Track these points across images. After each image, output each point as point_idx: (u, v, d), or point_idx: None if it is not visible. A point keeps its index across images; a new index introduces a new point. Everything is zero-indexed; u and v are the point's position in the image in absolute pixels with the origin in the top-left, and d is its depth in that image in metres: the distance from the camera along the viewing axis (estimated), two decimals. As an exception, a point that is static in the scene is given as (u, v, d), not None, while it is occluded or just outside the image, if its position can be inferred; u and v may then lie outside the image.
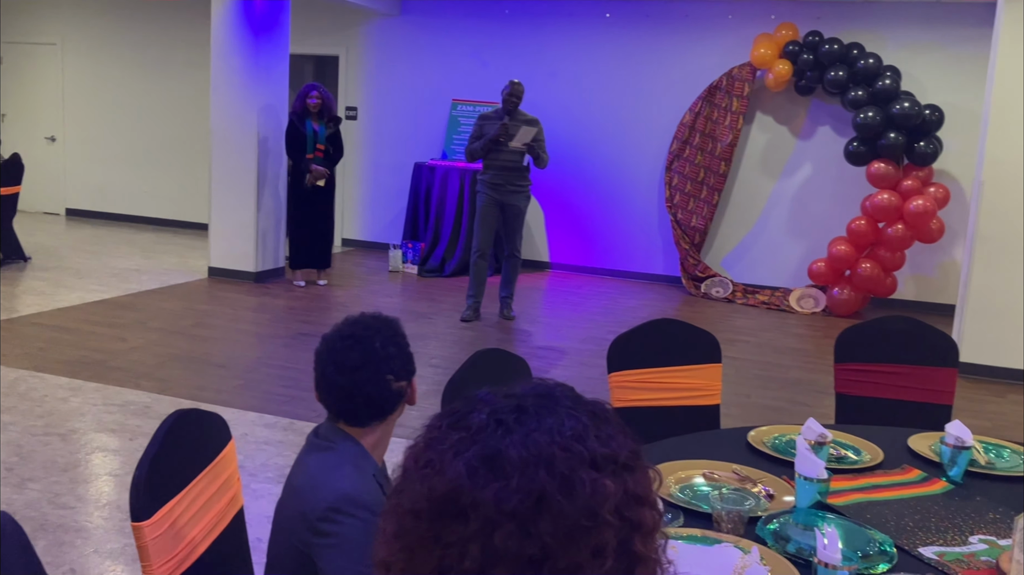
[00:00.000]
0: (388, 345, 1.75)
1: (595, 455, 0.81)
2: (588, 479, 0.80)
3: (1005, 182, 5.89)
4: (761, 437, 2.39)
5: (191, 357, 5.59)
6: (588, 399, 0.89)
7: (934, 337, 3.09)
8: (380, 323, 1.78)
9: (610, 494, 0.80)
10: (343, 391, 1.71)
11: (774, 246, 8.66)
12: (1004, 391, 5.81)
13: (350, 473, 1.65)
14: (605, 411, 0.88)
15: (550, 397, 0.86)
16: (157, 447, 1.64)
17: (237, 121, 7.78)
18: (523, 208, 6.83)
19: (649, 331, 2.91)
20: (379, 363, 1.72)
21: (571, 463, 0.80)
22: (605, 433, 0.84)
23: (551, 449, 0.80)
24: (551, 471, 0.79)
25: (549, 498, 0.78)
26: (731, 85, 8.33)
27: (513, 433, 0.82)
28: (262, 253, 7.97)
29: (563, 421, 0.83)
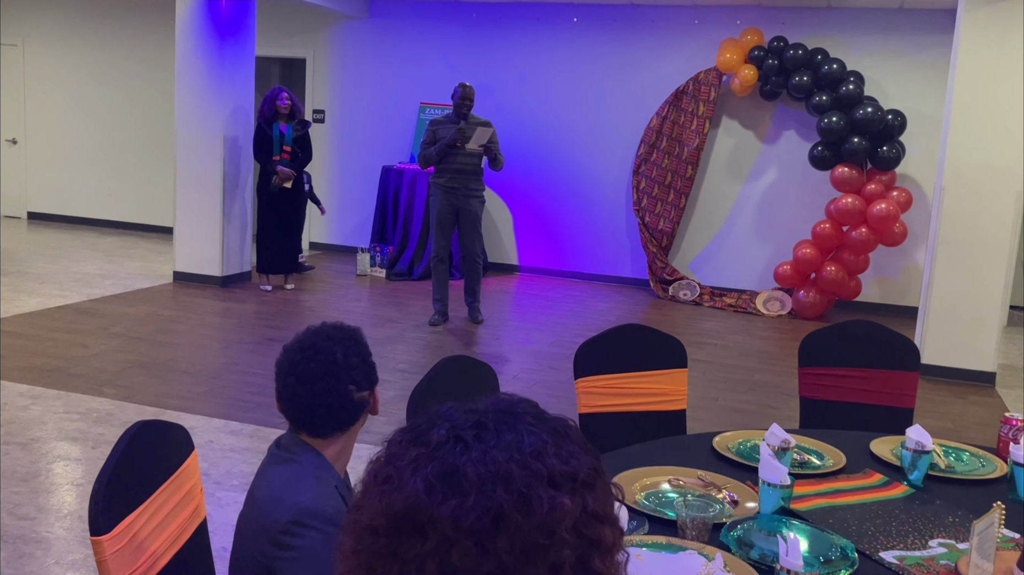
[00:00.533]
0: (350, 355, 1.74)
1: (553, 472, 0.81)
2: (546, 497, 0.80)
3: (965, 187, 5.98)
4: (726, 443, 2.41)
5: (155, 363, 5.52)
6: (551, 415, 0.89)
7: (896, 341, 3.13)
8: (341, 333, 1.77)
9: (568, 512, 0.80)
10: (304, 402, 1.69)
11: (741, 249, 8.73)
12: (965, 392, 5.91)
13: (311, 485, 1.64)
14: (567, 428, 0.88)
15: (511, 413, 0.86)
16: (117, 459, 1.61)
17: (202, 123, 7.71)
18: (479, 212, 6.82)
19: (615, 336, 2.91)
20: (341, 374, 1.71)
21: (529, 480, 0.80)
22: (565, 450, 0.84)
23: (509, 466, 0.80)
24: (509, 488, 0.79)
25: (507, 515, 0.78)
26: (697, 90, 8.40)
27: (472, 450, 0.81)
28: (228, 257, 7.90)
29: (523, 438, 0.83)
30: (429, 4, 9.38)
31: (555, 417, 0.89)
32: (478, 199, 6.81)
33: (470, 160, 6.67)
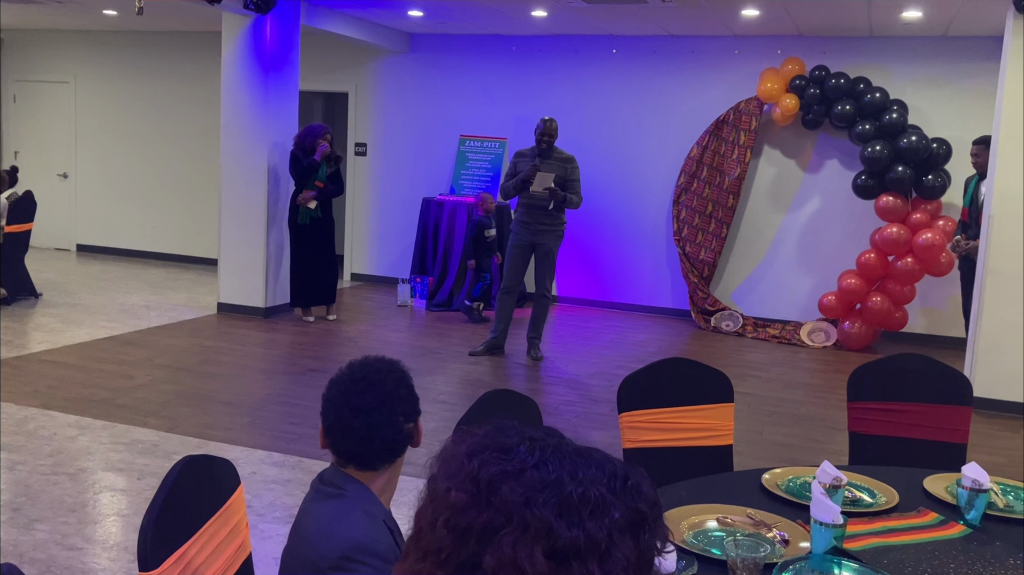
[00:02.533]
0: (399, 387, 1.75)
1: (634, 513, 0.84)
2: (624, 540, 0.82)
3: (1014, 216, 5.87)
4: (775, 480, 2.36)
5: (199, 394, 5.58)
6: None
7: (947, 374, 3.06)
8: (389, 365, 1.79)
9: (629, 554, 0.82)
10: (359, 434, 1.70)
11: (784, 279, 8.63)
12: (1018, 426, 5.75)
13: (360, 520, 1.63)
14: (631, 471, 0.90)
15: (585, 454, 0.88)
16: (165, 495, 1.62)
17: (246, 157, 7.83)
18: (553, 247, 6.73)
19: (659, 370, 2.89)
20: (393, 405, 1.72)
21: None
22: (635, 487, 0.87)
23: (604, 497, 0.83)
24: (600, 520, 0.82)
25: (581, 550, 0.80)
26: (738, 119, 8.37)
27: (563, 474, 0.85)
28: (271, 288, 7.98)
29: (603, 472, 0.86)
30: (469, 38, 9.48)
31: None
32: (553, 234, 6.72)
33: (544, 196, 6.60)
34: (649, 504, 0.84)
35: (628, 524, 0.81)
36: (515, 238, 6.73)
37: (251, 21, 7.69)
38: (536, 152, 6.67)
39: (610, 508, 0.81)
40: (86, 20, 10.04)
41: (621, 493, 0.83)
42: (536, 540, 0.79)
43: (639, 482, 0.85)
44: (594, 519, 0.80)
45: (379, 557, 1.57)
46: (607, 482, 0.83)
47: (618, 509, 0.81)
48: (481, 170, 9.35)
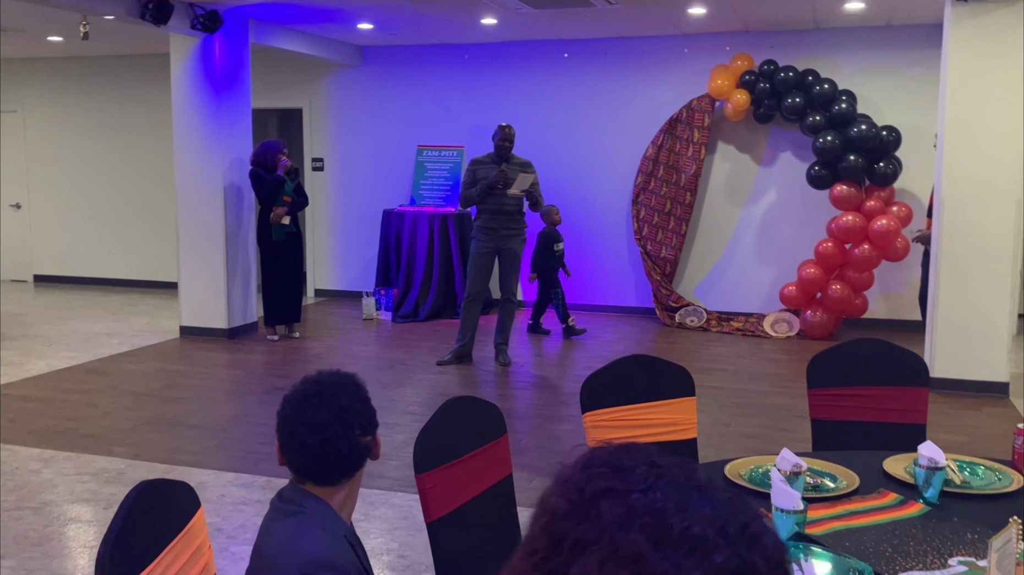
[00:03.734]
0: (355, 400, 1.74)
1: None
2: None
3: (964, 198, 5.98)
4: (737, 470, 2.39)
5: (164, 419, 5.52)
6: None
7: (904, 357, 3.11)
8: (343, 379, 1.77)
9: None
10: (315, 450, 1.69)
11: (745, 272, 8.72)
12: (979, 404, 5.85)
13: (320, 536, 1.63)
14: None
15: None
16: (121, 522, 1.60)
17: (202, 178, 7.77)
18: (518, 251, 6.76)
19: (620, 369, 2.90)
20: (348, 419, 1.71)
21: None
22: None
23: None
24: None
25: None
26: (691, 117, 8.45)
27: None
28: (234, 309, 7.91)
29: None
30: (421, 48, 9.49)
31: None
32: (518, 238, 6.76)
33: (511, 200, 6.61)
34: (767, 560, 0.76)
35: (731, 572, 0.74)
36: (479, 245, 6.72)
37: (199, 41, 7.63)
38: (495, 158, 6.68)
39: (712, 551, 0.74)
40: (31, 47, 9.91)
41: (734, 539, 0.75)
42: (623, 564, 0.75)
43: (760, 534, 0.77)
44: (691, 558, 0.74)
45: (340, 572, 1.56)
46: (720, 524, 0.76)
47: (723, 554, 0.74)
48: (440, 179, 9.35)
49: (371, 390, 5.37)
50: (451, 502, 2.20)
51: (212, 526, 3.94)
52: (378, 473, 4.56)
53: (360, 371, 6.53)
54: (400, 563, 3.61)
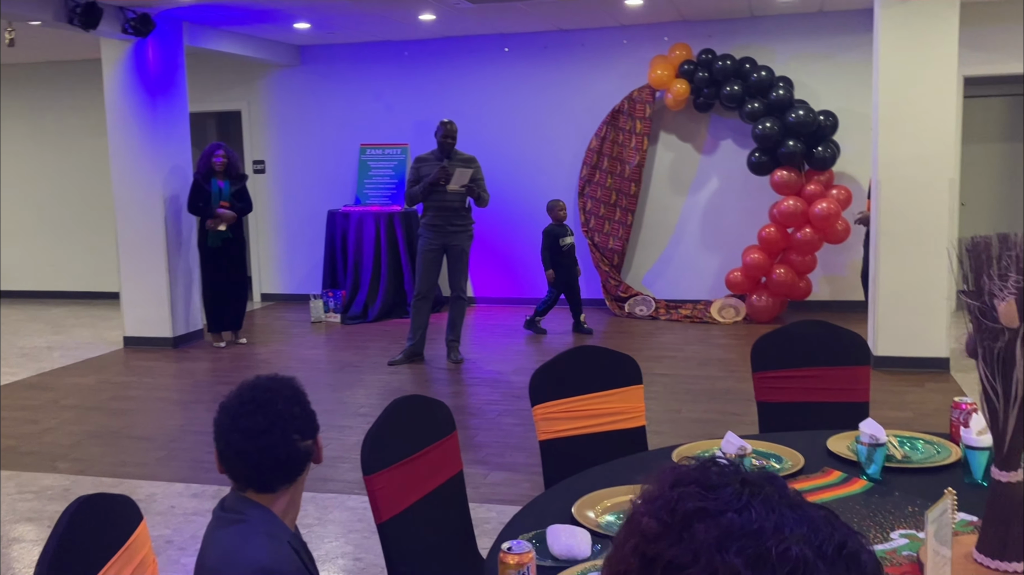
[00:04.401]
0: (291, 405, 1.70)
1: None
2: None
3: (900, 180, 6.11)
4: (685, 455, 2.41)
5: (110, 432, 5.40)
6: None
7: (845, 337, 3.16)
8: (279, 383, 1.74)
9: None
10: (252, 458, 1.66)
11: (691, 260, 8.81)
12: (922, 380, 5.99)
13: (264, 543, 1.60)
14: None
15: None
16: (58, 539, 1.56)
17: (140, 184, 7.61)
18: (465, 247, 6.74)
19: (568, 360, 2.91)
20: (285, 424, 1.68)
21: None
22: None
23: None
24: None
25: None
26: (633, 108, 8.50)
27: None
28: (178, 317, 7.78)
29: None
30: (360, 46, 9.41)
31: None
32: (465, 234, 6.72)
33: (454, 197, 6.58)
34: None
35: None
36: (426, 243, 6.70)
37: (131, 46, 7.48)
38: (439, 155, 6.66)
39: (812, 572, 0.73)
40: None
41: (831, 560, 0.74)
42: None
43: (858, 552, 0.76)
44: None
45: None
46: (817, 545, 0.74)
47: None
48: (385, 178, 9.29)
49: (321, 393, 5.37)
50: (401, 502, 2.19)
51: (162, 538, 3.87)
52: (331, 476, 4.52)
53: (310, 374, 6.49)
54: (355, 566, 3.59)
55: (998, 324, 1.58)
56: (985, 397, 1.65)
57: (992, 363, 1.61)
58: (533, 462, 4.64)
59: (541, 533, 1.88)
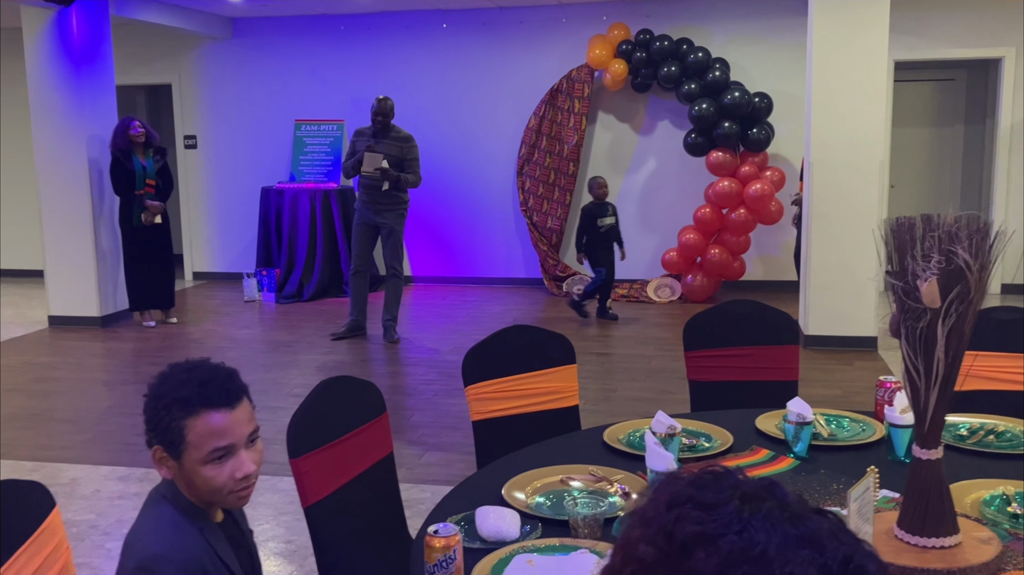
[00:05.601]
0: (158, 392, 1.62)
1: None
2: None
3: (832, 162, 6.21)
4: (616, 434, 2.41)
5: (32, 415, 5.23)
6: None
7: (775, 317, 3.20)
8: (183, 369, 1.65)
9: None
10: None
11: (628, 240, 8.81)
12: (851, 359, 6.13)
13: (167, 530, 1.55)
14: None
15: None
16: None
17: (64, 158, 7.36)
18: (396, 226, 6.67)
19: (501, 340, 2.89)
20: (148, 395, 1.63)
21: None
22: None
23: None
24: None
25: None
26: (571, 87, 8.49)
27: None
28: (105, 296, 7.56)
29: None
30: (295, 20, 9.21)
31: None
32: (394, 212, 6.66)
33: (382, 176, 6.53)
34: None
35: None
36: (358, 217, 6.70)
37: (54, 14, 7.20)
38: (372, 131, 6.58)
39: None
40: None
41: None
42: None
43: (864, 565, 0.73)
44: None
45: (176, 565, 1.49)
46: (822, 563, 0.71)
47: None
48: (320, 154, 9.14)
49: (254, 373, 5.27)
50: (329, 485, 2.15)
51: (87, 523, 3.76)
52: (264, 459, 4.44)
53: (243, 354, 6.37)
54: (286, 549, 3.53)
55: (921, 304, 1.60)
56: (907, 376, 1.67)
57: (915, 342, 1.63)
58: (468, 442, 4.62)
59: (470, 515, 1.86)
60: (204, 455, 1.56)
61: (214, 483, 1.57)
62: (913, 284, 1.60)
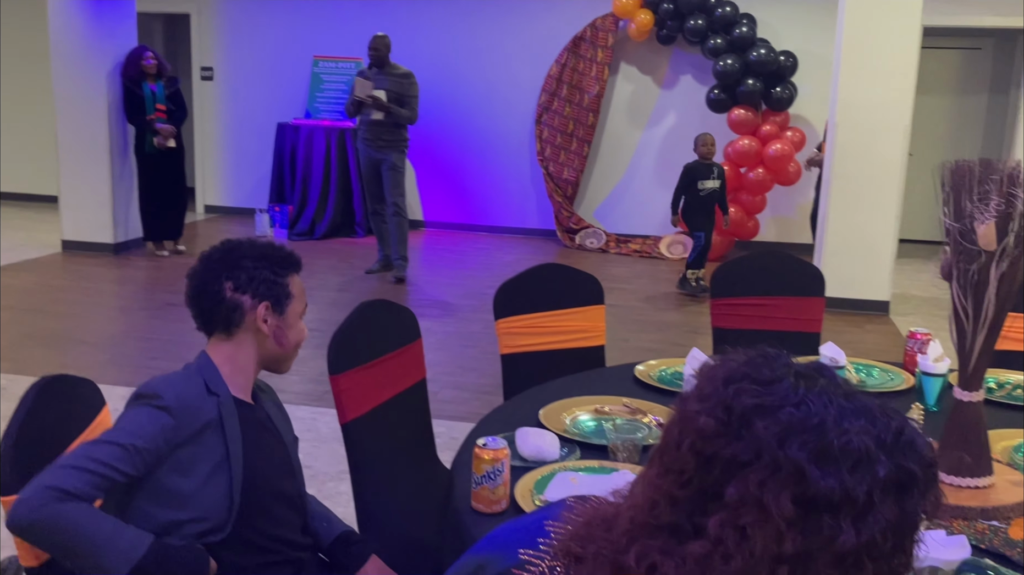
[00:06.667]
0: (244, 257, 1.69)
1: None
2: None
3: (856, 123, 6.17)
4: (648, 371, 2.44)
5: (50, 334, 5.27)
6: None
7: (802, 269, 3.22)
8: (257, 243, 1.74)
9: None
10: (188, 293, 1.72)
11: (644, 195, 8.83)
12: (862, 322, 6.15)
13: (176, 378, 1.65)
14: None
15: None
16: (23, 416, 1.52)
17: (83, 84, 7.30)
18: (397, 162, 6.70)
19: (533, 277, 2.91)
20: (218, 265, 1.68)
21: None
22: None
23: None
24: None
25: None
26: (595, 36, 8.40)
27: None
28: (119, 223, 7.56)
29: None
30: (318, -46, 9.08)
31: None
32: (395, 149, 6.68)
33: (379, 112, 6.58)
34: (922, 465, 0.76)
35: (894, 484, 0.73)
36: (361, 155, 6.83)
37: (77, -67, 7.10)
38: (370, 67, 6.69)
39: (875, 464, 0.73)
40: None
41: (891, 449, 0.74)
42: (785, 484, 0.72)
43: (914, 438, 0.76)
44: (854, 474, 0.72)
45: (158, 399, 1.57)
46: (876, 434, 0.75)
47: (884, 467, 0.73)
48: (337, 92, 9.07)
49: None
50: (365, 404, 2.18)
51: (106, 440, 3.81)
52: (280, 387, 4.48)
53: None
54: (305, 474, 3.58)
55: (975, 246, 1.61)
56: (955, 318, 1.69)
57: (966, 284, 1.64)
58: (484, 382, 4.67)
59: (510, 435, 1.88)
60: (300, 309, 1.76)
61: (300, 336, 1.77)
62: (969, 226, 1.61)
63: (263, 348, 1.72)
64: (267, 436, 1.76)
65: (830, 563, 0.72)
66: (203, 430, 1.59)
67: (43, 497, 1.40)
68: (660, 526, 0.78)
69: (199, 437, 1.58)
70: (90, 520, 1.43)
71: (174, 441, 1.56)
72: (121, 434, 1.52)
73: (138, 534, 1.49)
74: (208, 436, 1.60)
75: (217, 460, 1.60)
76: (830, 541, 0.72)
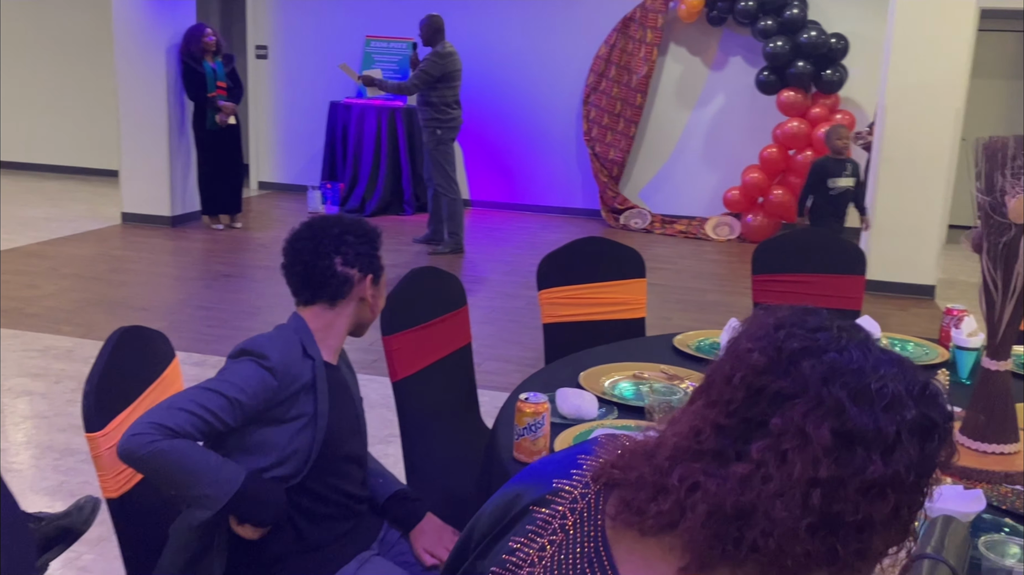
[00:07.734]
0: (347, 232, 1.81)
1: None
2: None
3: (907, 107, 6.12)
4: (687, 341, 2.52)
5: (110, 301, 5.48)
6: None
7: (844, 247, 3.27)
8: (350, 218, 1.88)
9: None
10: (290, 265, 1.82)
11: (690, 176, 8.84)
12: (907, 305, 6.13)
13: (273, 334, 1.77)
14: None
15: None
16: (104, 362, 1.65)
17: (143, 60, 7.52)
18: (429, 142, 7.10)
19: (576, 249, 3.00)
20: (327, 241, 1.79)
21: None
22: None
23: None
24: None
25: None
26: (645, 16, 8.40)
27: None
28: (177, 197, 7.78)
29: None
30: (371, -66, 9.18)
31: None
32: (426, 129, 7.11)
33: (418, 93, 7.01)
34: (943, 416, 0.85)
35: (919, 428, 0.82)
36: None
37: (139, -87, 7.29)
38: None
39: (904, 407, 0.82)
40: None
41: (918, 398, 0.83)
42: (826, 416, 0.82)
43: (937, 394, 0.86)
44: (887, 413, 0.82)
45: (266, 359, 1.68)
46: (906, 383, 0.84)
47: (911, 412, 0.82)
48: (389, 71, 9.18)
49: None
50: (415, 364, 2.29)
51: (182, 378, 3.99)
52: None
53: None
54: (354, 437, 3.72)
55: (1006, 219, 1.66)
56: (985, 290, 1.74)
57: (996, 256, 1.70)
58: (526, 355, 4.77)
59: (551, 395, 1.98)
60: (386, 281, 1.91)
61: (383, 303, 1.94)
62: (1001, 200, 1.66)
63: (357, 316, 1.86)
64: (344, 395, 1.87)
65: (857, 490, 0.81)
66: (299, 392, 1.72)
67: (154, 433, 1.54)
68: (704, 451, 0.87)
69: (295, 398, 1.71)
70: (196, 454, 1.60)
71: (273, 401, 1.69)
72: (228, 386, 1.65)
73: (236, 468, 1.65)
74: (302, 396, 1.72)
75: (306, 418, 1.72)
76: (860, 470, 0.81)
